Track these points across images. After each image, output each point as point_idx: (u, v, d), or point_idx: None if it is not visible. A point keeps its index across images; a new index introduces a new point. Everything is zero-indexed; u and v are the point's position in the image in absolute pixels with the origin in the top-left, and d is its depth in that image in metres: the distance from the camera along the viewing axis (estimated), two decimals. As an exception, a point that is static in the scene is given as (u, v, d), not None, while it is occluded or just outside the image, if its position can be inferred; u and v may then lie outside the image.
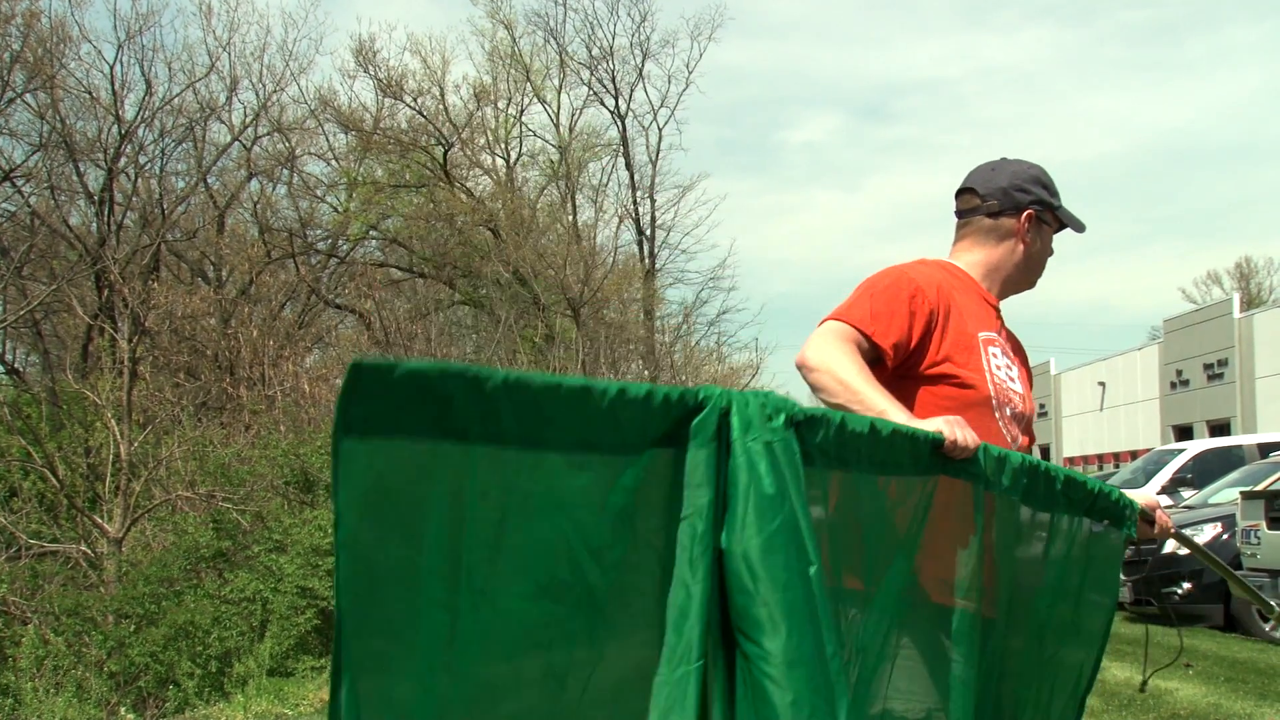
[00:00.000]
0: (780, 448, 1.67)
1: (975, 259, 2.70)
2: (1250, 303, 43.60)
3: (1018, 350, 2.73)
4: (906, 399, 2.39)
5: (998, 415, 2.48)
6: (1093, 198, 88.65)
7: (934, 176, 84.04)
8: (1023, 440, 2.58)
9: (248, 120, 26.91)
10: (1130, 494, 2.62)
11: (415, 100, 31.26)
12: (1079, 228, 2.76)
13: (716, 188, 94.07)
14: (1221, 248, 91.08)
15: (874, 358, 2.39)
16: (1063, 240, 2.79)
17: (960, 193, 2.74)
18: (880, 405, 2.19)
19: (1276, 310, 34.70)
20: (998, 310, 2.70)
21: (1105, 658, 8.96)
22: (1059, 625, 2.43)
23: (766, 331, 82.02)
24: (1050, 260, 2.77)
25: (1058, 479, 2.35)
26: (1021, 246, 2.70)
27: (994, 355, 2.55)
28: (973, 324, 2.55)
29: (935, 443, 2.09)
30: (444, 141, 31.42)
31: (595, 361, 27.88)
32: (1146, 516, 2.65)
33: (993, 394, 2.49)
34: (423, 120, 31.35)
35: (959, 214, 2.74)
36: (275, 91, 27.43)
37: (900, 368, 2.45)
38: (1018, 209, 2.68)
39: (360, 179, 31.13)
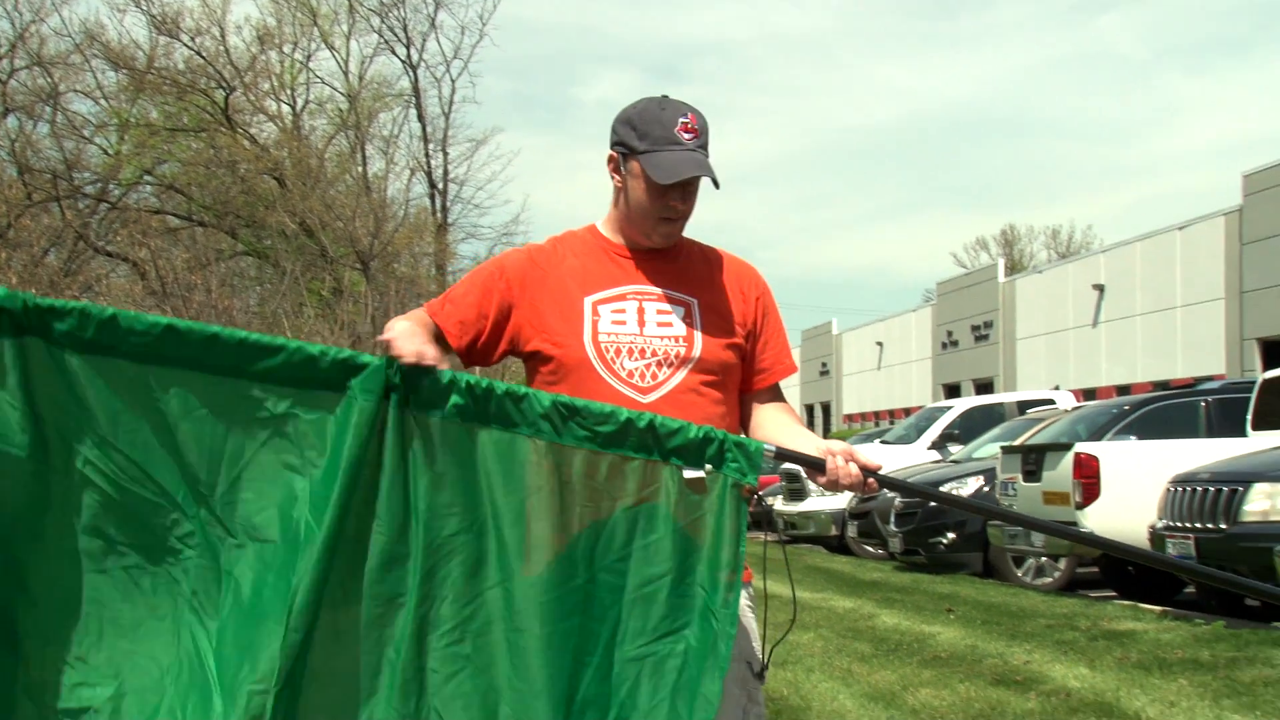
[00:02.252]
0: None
1: (609, 210, 2.71)
2: (1013, 268, 46.16)
3: (709, 288, 2.65)
4: (528, 379, 2.62)
5: (605, 373, 2.52)
6: (876, 164, 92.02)
7: (726, 139, 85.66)
8: (689, 381, 2.56)
9: (2, 51, 25.12)
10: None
11: (193, 40, 29.85)
12: (658, 176, 2.52)
13: (511, 142, 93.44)
14: (990, 215, 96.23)
15: (461, 350, 2.59)
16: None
17: None
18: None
19: (1037, 276, 36.89)
20: (650, 258, 2.64)
21: (874, 605, 9.32)
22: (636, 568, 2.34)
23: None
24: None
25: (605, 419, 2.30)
26: (614, 190, 2.65)
27: (614, 313, 2.57)
28: (585, 289, 2.59)
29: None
30: (225, 85, 30.09)
31: (385, 315, 27.32)
32: (813, 463, 2.48)
33: (592, 353, 2.54)
34: (202, 61, 29.94)
35: None
36: (34, 22, 25.73)
37: (511, 351, 2.62)
38: (610, 149, 2.65)
39: (133, 120, 29.53)
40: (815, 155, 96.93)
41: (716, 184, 2.57)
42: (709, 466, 2.32)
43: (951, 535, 12.22)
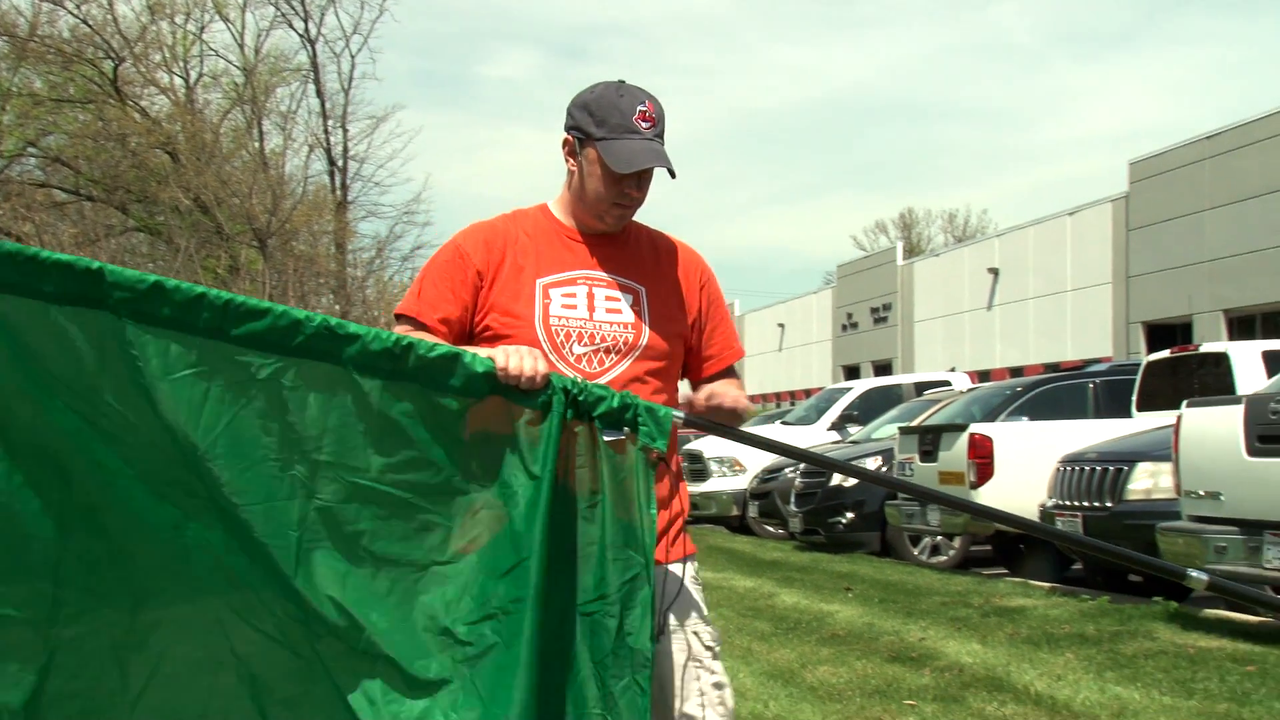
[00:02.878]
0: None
1: (561, 192, 2.73)
2: (911, 251, 47.00)
3: (657, 276, 2.67)
4: None
5: (555, 357, 2.54)
6: (778, 146, 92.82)
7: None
8: (634, 369, 2.58)
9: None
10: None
11: (79, 7, 28.84)
12: (616, 166, 2.53)
13: (412, 120, 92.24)
14: (889, 199, 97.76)
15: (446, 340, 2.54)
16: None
17: None
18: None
19: (934, 259, 37.59)
20: (600, 243, 2.65)
21: (774, 584, 9.41)
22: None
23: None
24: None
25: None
26: (569, 174, 2.66)
27: (565, 297, 2.59)
28: (537, 270, 2.60)
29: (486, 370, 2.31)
30: (113, 55, 29.16)
31: (283, 294, 26.86)
32: (719, 429, 2.60)
33: (542, 336, 2.55)
34: (88, 30, 28.97)
35: None
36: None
37: (467, 335, 2.60)
38: (565, 133, 2.67)
39: (15, 90, 28.48)
40: (719, 137, 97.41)
41: (673, 174, 2.58)
42: (627, 430, 2.38)
43: (850, 515, 12.42)
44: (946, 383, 16.73)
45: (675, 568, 2.57)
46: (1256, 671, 5.76)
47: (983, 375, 26.09)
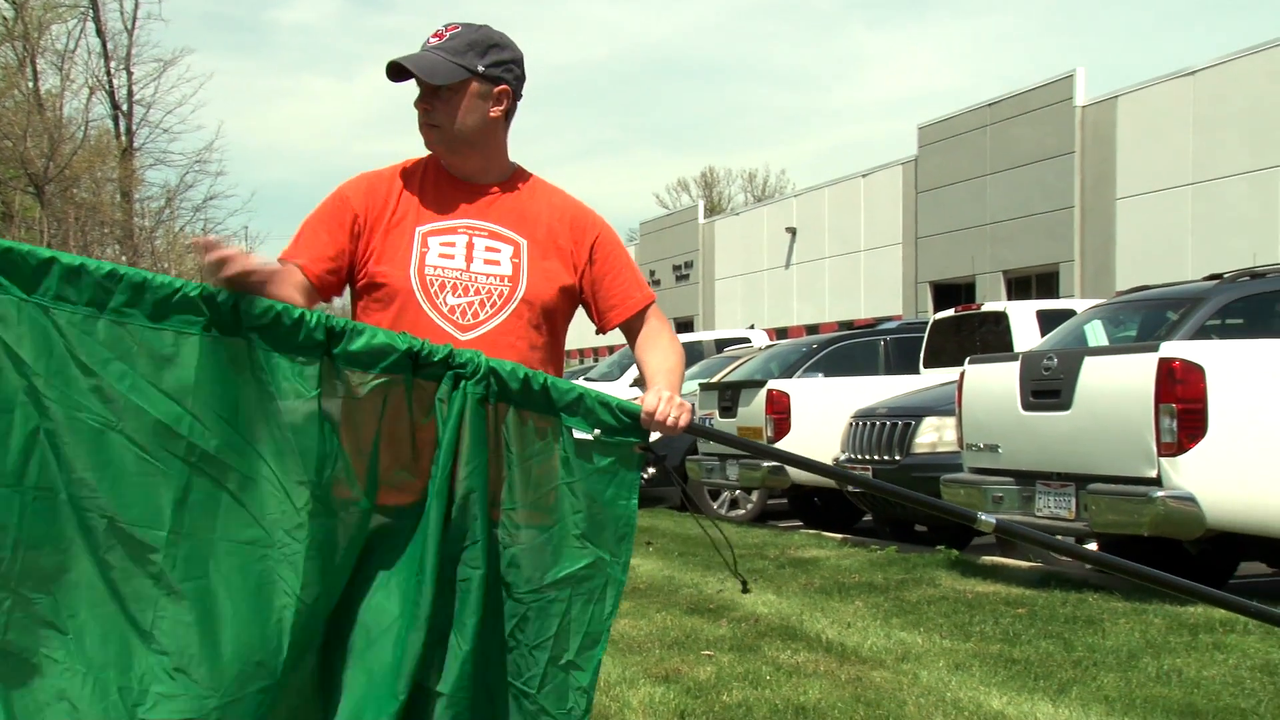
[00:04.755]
0: None
1: None
2: (712, 210, 47.77)
3: (541, 229, 2.65)
4: (352, 305, 2.62)
5: (428, 306, 2.53)
6: (582, 102, 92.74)
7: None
8: (510, 323, 2.58)
9: None
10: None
11: None
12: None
13: (203, 65, 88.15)
14: (691, 157, 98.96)
15: (318, 278, 2.55)
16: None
17: None
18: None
19: (734, 218, 38.31)
20: (485, 192, 2.65)
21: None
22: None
23: (258, 219, 78.95)
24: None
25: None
26: None
27: (443, 245, 2.58)
28: (418, 218, 2.59)
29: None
30: None
31: (64, 243, 25.44)
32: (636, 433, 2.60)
33: (416, 285, 2.54)
34: None
35: None
36: None
37: (351, 284, 2.61)
38: None
39: None
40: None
41: (417, 77, 2.56)
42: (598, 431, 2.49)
43: (651, 470, 12.61)
44: (746, 340, 17.13)
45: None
46: (1026, 614, 6.13)
47: (781, 332, 26.80)
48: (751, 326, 22.66)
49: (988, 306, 11.24)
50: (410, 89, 2.62)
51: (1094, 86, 23.11)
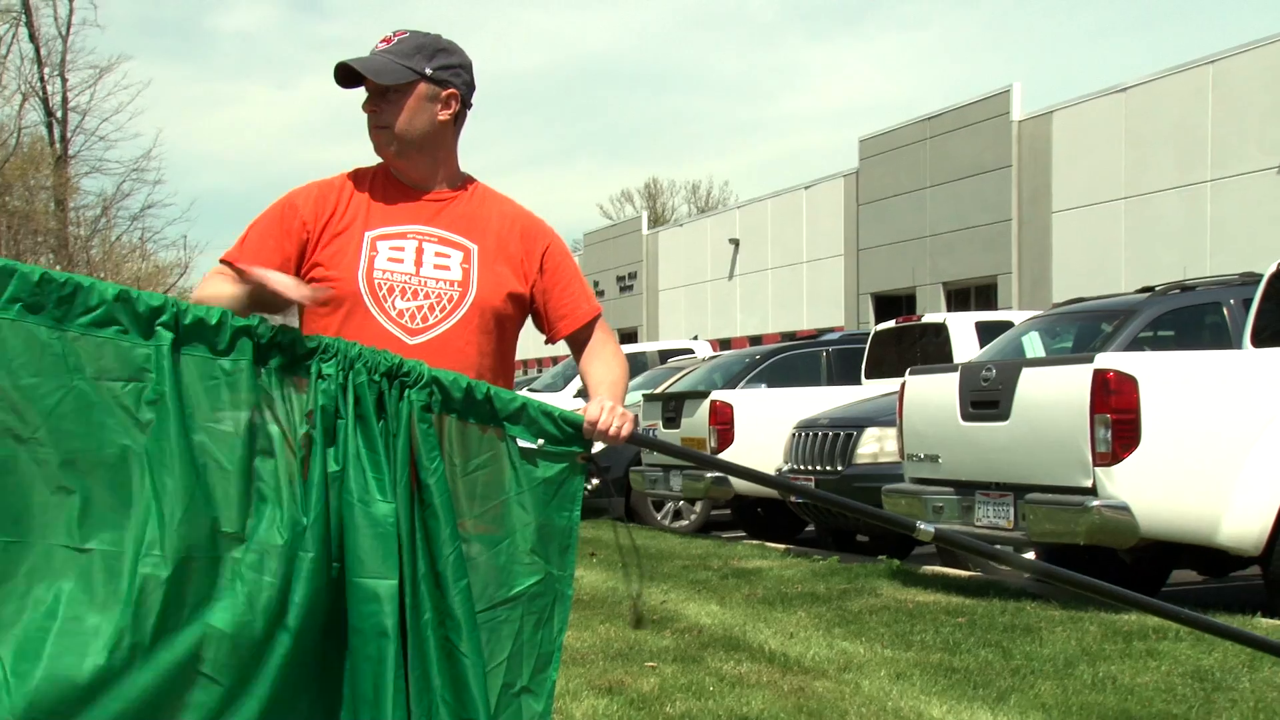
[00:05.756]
0: None
1: None
2: (656, 221, 47.86)
3: (492, 236, 2.66)
4: (308, 318, 2.58)
5: (376, 310, 2.53)
6: (525, 112, 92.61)
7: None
8: (459, 328, 2.58)
9: None
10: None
11: None
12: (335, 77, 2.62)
13: (140, 72, 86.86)
14: (634, 168, 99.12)
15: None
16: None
17: None
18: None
19: (678, 229, 38.44)
20: (436, 199, 2.65)
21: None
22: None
23: (196, 229, 77.66)
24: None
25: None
26: None
27: (392, 250, 2.57)
28: (367, 224, 2.59)
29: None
30: None
31: (-7, 254, 24.92)
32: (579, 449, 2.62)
33: (364, 289, 2.53)
34: None
35: None
36: None
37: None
38: None
39: None
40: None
41: (367, 80, 2.58)
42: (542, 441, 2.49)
43: (595, 481, 12.60)
44: (689, 350, 17.18)
45: None
46: (966, 623, 6.21)
47: (724, 343, 26.92)
48: (695, 337, 22.75)
49: (928, 318, 11.38)
50: (355, 97, 2.64)
51: (1030, 101, 23.52)
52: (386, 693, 2.21)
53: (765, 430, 10.46)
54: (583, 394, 14.14)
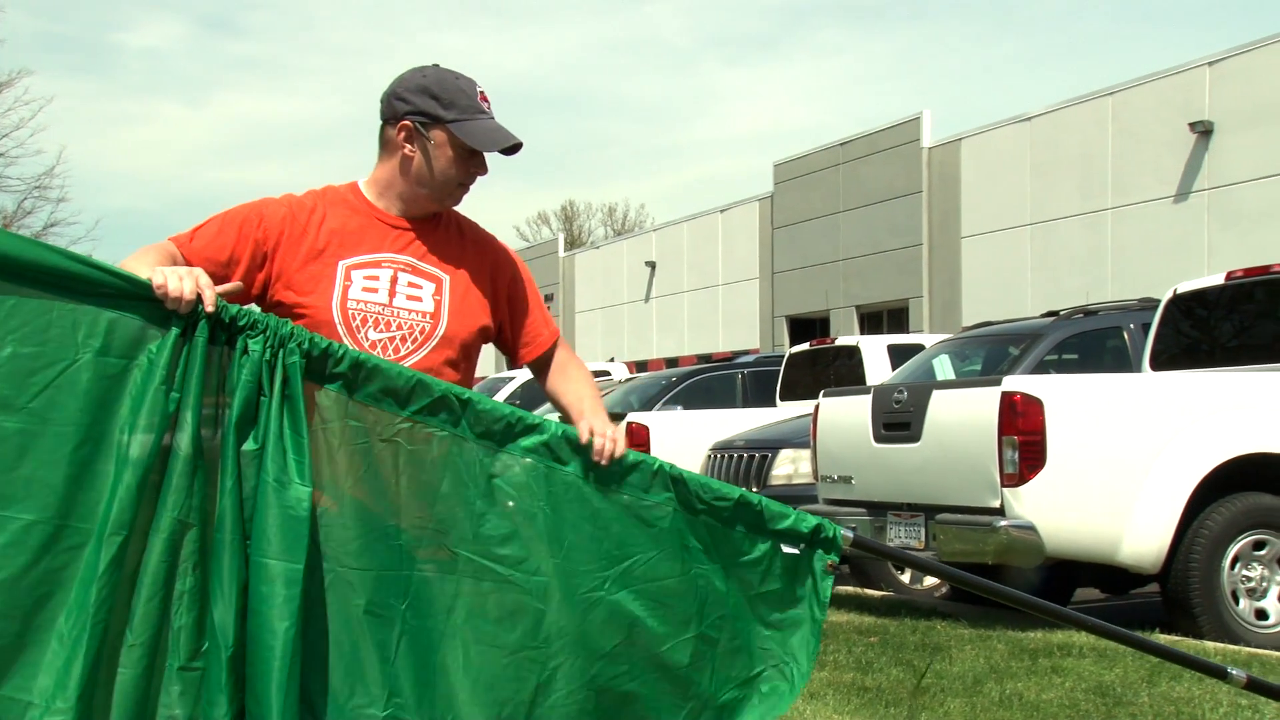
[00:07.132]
0: None
1: (374, 174, 2.70)
2: (573, 243, 47.93)
3: (463, 265, 2.68)
4: None
5: (349, 340, 2.52)
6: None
7: (287, 98, 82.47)
8: (430, 359, 2.59)
9: None
10: None
11: None
12: (482, 144, 2.63)
13: (41, 87, 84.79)
14: (551, 190, 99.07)
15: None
16: None
17: None
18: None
19: (594, 251, 38.55)
20: (409, 228, 2.65)
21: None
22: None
23: (103, 248, 75.33)
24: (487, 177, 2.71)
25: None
26: (402, 159, 2.64)
27: (367, 280, 2.58)
28: (340, 251, 2.59)
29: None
30: None
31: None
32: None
33: (338, 319, 2.54)
34: None
35: None
36: None
37: (256, 299, 2.58)
38: (395, 119, 2.64)
39: None
40: (374, 119, 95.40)
41: (516, 150, 2.68)
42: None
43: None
44: (606, 373, 17.22)
45: None
46: (879, 642, 6.30)
47: (640, 365, 26.98)
48: (612, 359, 22.78)
49: (841, 340, 11.55)
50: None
51: (940, 129, 24.04)
52: (270, 681, 2.16)
53: (681, 452, 10.48)
54: (564, 419, 14.11)
